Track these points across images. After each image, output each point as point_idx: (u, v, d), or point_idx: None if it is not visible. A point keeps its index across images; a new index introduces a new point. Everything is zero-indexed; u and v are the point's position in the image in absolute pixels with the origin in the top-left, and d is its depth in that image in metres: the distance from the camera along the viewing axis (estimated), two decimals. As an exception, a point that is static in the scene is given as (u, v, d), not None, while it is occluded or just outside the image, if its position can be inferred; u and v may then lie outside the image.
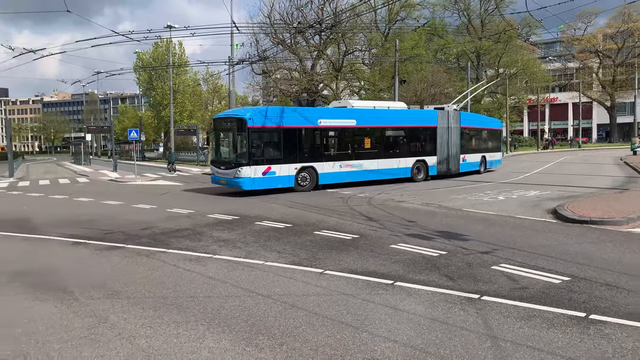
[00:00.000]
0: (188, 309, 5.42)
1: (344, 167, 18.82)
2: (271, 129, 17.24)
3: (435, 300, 5.54)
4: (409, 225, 10.40)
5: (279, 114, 17.76)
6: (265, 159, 17.04)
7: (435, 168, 21.81)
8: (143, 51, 63.27)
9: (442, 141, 21.98)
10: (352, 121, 19.25)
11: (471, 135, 24.44)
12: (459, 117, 23.13)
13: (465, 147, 23.55)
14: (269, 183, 17.09)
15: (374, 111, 20.33)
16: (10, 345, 4.51)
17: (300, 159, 17.78)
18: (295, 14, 40.19)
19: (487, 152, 25.54)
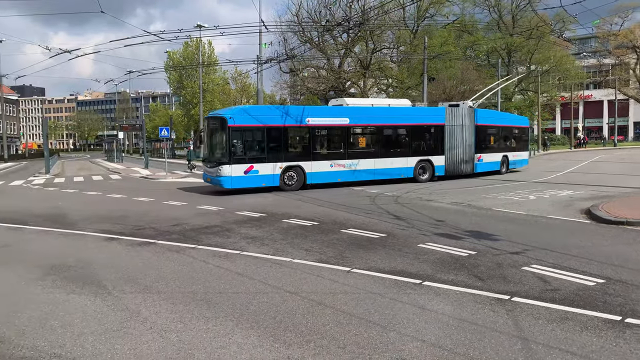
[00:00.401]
0: (217, 304, 5.50)
1: (335, 166, 18.51)
2: (254, 128, 17.30)
3: (464, 301, 5.48)
4: (437, 224, 10.30)
5: (263, 112, 18.05)
6: (247, 158, 17.14)
7: (442, 168, 20.91)
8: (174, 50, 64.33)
9: (451, 140, 21.09)
10: (345, 120, 18.88)
11: (489, 134, 23.31)
12: (473, 114, 22.01)
13: (482, 146, 22.53)
14: (251, 182, 17.17)
15: (370, 109, 19.87)
16: (48, 337, 4.67)
17: (285, 158, 17.70)
18: (323, 12, 40.24)
19: (510, 151, 24.43)
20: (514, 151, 24.70)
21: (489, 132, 23.31)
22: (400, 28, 42.94)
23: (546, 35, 46.76)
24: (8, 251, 8.76)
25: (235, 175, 16.85)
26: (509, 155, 24.21)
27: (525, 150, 26.03)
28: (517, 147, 25.09)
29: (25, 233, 10.54)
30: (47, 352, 4.31)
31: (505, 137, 24.54)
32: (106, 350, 4.33)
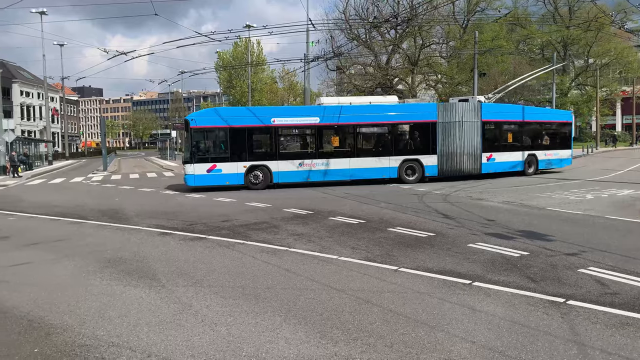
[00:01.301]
0: (265, 299, 5.60)
1: (304, 166, 18.46)
2: (217, 129, 18.06)
3: (516, 303, 5.32)
4: (488, 223, 10.04)
5: (229, 114, 18.80)
6: (210, 157, 17.95)
7: (435, 168, 19.51)
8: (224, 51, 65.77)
9: (446, 138, 19.53)
10: (315, 119, 18.69)
11: (505, 130, 21.18)
12: (479, 109, 20.04)
13: (494, 144, 20.63)
14: (214, 180, 17.90)
15: (345, 107, 19.14)
16: (106, 326, 4.90)
17: (249, 157, 18.12)
18: (370, 8, 40.01)
19: (542, 149, 21.91)
20: (547, 149, 22.11)
21: (504, 129, 21.19)
22: (449, 23, 42.07)
23: (606, 26, 44.48)
24: (69, 244, 9.25)
25: (197, 173, 17.77)
26: (538, 153, 21.76)
27: (566, 148, 22.97)
28: (552, 144, 22.39)
29: (85, 227, 11.08)
30: (106, 341, 4.53)
31: (532, 134, 22.06)
32: (160, 341, 4.49)
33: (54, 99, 78.76)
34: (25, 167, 33.92)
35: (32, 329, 4.88)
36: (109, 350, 4.32)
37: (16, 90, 72.93)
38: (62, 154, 65.48)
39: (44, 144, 51.82)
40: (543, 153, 22.00)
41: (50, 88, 67.42)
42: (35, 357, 4.23)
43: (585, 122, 62.24)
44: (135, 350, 4.30)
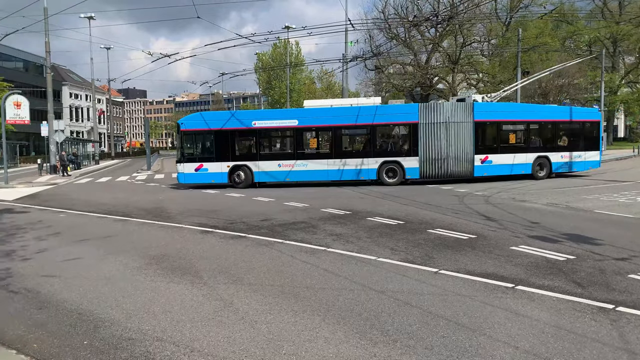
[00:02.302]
0: (304, 298, 5.63)
1: (283, 166, 19.27)
2: (204, 132, 19.78)
3: (562, 308, 5.15)
4: (531, 226, 9.76)
5: (215, 117, 20.78)
6: (198, 158, 19.69)
7: (417, 170, 19.10)
8: (263, 52, 66.47)
9: (429, 139, 18.96)
10: (294, 121, 19.43)
11: (506, 131, 19.96)
12: (471, 110, 19.15)
13: (490, 146, 19.58)
14: (201, 178, 19.64)
15: (324, 110, 19.76)
16: (151, 321, 5.05)
17: (232, 158, 19.47)
18: (410, 7, 39.61)
19: (556, 150, 20.23)
20: (565, 151, 20.42)
21: (504, 129, 19.97)
22: (491, 21, 41.12)
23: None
24: (115, 241, 9.58)
25: (187, 172, 19.61)
26: (552, 155, 20.12)
27: (592, 150, 20.81)
28: (572, 145, 20.58)
29: (130, 225, 11.45)
30: (151, 335, 4.67)
31: (543, 134, 20.60)
32: (202, 337, 4.60)
33: (100, 100, 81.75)
34: (74, 166, 35.34)
35: (82, 321, 5.08)
36: (153, 344, 4.45)
37: (66, 93, 76.11)
38: (108, 154, 67.85)
39: (91, 144, 53.86)
40: (559, 155, 20.31)
41: (97, 90, 69.99)
42: (85, 348, 4.41)
43: (636, 121, 59.61)
44: (179, 345, 4.42)
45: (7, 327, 5.00)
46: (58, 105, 60.74)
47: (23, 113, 25.53)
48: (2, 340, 4.64)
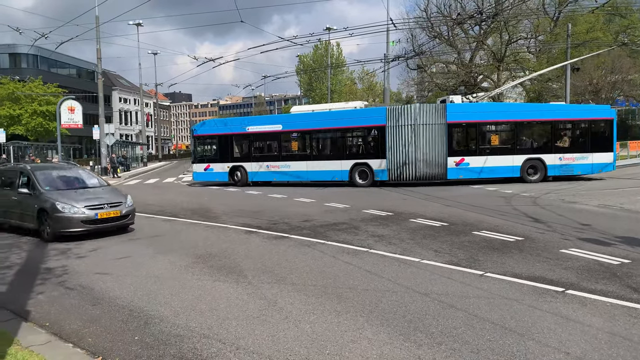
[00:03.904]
0: (347, 299, 5.64)
1: (270, 167, 21.15)
2: (211, 136, 22.70)
3: (616, 314, 4.94)
4: (582, 228, 9.40)
5: (219, 124, 23.78)
6: (206, 159, 22.74)
7: (385, 172, 19.29)
8: (304, 54, 66.89)
9: (395, 142, 19.10)
10: (278, 126, 21.29)
11: (485, 132, 19.26)
12: (443, 111, 18.79)
13: (466, 148, 19.15)
14: (208, 177, 22.57)
15: (303, 115, 21.25)
16: (198, 318, 5.19)
17: (231, 159, 22.01)
18: (453, 5, 38.92)
19: (554, 152, 18.89)
20: (566, 152, 18.97)
21: (484, 130, 19.27)
22: (539, 16, 39.84)
23: None
24: (164, 240, 9.88)
25: (198, 171, 22.80)
26: (548, 157, 18.82)
27: (602, 151, 19.00)
28: (577, 147, 19.09)
29: (177, 224, 11.78)
30: (198, 332, 4.80)
31: (536, 135, 19.58)
32: (247, 335, 4.68)
33: (148, 104, 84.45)
34: (124, 168, 36.68)
35: (133, 318, 5.27)
36: (200, 341, 4.57)
37: (115, 97, 79.07)
38: (155, 156, 69.99)
39: (140, 146, 55.70)
40: (556, 157, 18.90)
41: (145, 94, 72.36)
42: (136, 344, 4.58)
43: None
44: (225, 342, 4.52)
45: (64, 321, 5.25)
46: (108, 109, 63.17)
47: (77, 117, 26.75)
48: (60, 333, 4.88)
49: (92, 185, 11.42)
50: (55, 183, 10.89)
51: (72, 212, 9.75)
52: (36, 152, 41.41)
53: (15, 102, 46.47)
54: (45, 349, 4.39)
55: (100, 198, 10.47)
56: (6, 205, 11.18)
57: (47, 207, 9.87)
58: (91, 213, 9.91)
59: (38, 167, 11.79)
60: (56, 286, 6.60)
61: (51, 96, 47.21)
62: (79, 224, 9.74)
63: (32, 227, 10.33)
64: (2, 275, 7.30)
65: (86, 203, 10.04)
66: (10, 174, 11.71)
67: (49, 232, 9.89)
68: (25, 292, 6.33)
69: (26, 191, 10.49)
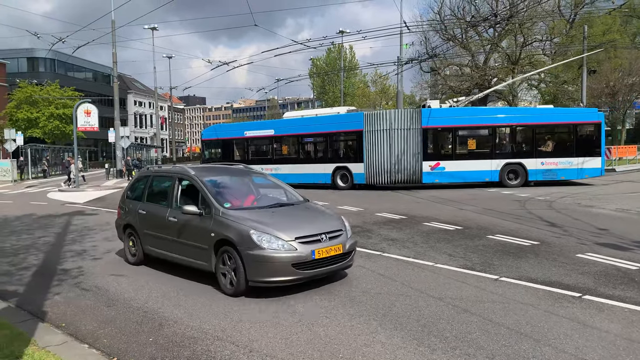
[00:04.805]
0: (361, 303, 5.62)
1: (265, 170, 21.57)
2: (216, 140, 24.41)
3: (635, 320, 4.86)
4: (599, 233, 9.27)
5: (222, 129, 25.76)
6: (212, 161, 23.22)
7: (362, 176, 19.69)
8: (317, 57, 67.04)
9: (372, 146, 19.45)
10: (271, 131, 22.59)
11: (462, 137, 19.21)
12: (418, 116, 18.92)
13: (442, 152, 19.24)
14: None
15: (292, 120, 22.60)
16: (211, 321, 5.20)
17: (232, 162, 21.71)
18: (467, 7, 38.72)
19: (536, 157, 18.49)
20: (549, 157, 18.56)
21: (460, 135, 19.22)
22: (554, 18, 39.45)
23: None
24: (178, 242, 9.92)
25: None
26: (529, 162, 18.48)
27: (589, 155, 18.40)
28: (562, 151, 18.62)
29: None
30: (212, 334, 4.81)
31: (516, 139, 19.28)
32: (260, 338, 4.69)
33: (162, 107, 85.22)
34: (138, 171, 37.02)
35: (147, 319, 5.31)
36: (214, 343, 4.59)
37: (130, 101, 79.97)
38: (169, 159, 70.56)
39: (154, 149, 56.24)
40: (538, 161, 18.51)
41: (159, 98, 73.08)
42: (150, 345, 4.61)
43: None
44: (238, 345, 4.53)
45: (80, 322, 5.31)
46: (124, 112, 63.88)
47: (92, 120, 27.08)
48: (76, 334, 4.93)
49: (287, 201, 7.44)
50: (235, 196, 7.09)
51: (275, 246, 5.85)
52: (53, 155, 42.04)
53: (33, 105, 47.24)
54: (62, 350, 4.44)
55: (309, 222, 6.56)
56: (158, 227, 7.29)
57: (234, 237, 5.99)
58: (305, 250, 5.89)
59: (204, 170, 7.80)
60: (72, 287, 6.68)
61: (68, 99, 47.91)
62: (288, 269, 5.81)
63: (204, 268, 6.49)
64: (20, 276, 7.41)
65: (295, 232, 6.05)
66: (162, 180, 7.98)
67: (235, 281, 5.99)
68: (42, 293, 6.41)
69: (193, 209, 6.53)
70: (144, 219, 7.65)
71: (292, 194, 7.74)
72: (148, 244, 7.55)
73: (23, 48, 58.47)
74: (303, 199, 7.61)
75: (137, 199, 8.08)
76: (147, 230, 7.54)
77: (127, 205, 8.25)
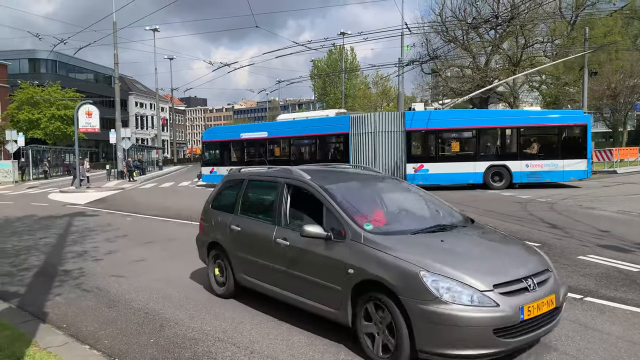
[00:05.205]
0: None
1: None
2: (215, 142, 25.34)
3: (637, 322, 4.85)
4: (601, 235, 9.26)
5: (220, 131, 27.38)
6: (211, 163, 24.93)
7: None
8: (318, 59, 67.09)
9: (358, 148, 19.91)
10: (264, 133, 23.50)
11: (445, 139, 19.54)
12: (402, 118, 19.32)
13: (426, 154, 19.54)
14: (213, 179, 23.96)
15: (283, 123, 23.74)
16: (213, 322, 5.19)
17: (229, 163, 23.67)
18: (468, 9, 38.73)
19: (520, 159, 18.55)
20: (533, 159, 18.64)
21: (444, 137, 19.56)
22: (555, 20, 39.46)
23: None
24: (179, 244, 9.93)
25: (206, 174, 25.07)
26: (513, 164, 18.50)
27: (575, 158, 18.25)
28: (547, 153, 18.69)
29: (191, 228, 11.81)
30: (213, 336, 4.81)
31: (501, 142, 19.54)
32: (261, 339, 4.69)
33: (164, 108, 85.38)
34: (139, 172, 37.04)
35: (148, 320, 5.31)
36: (215, 345, 4.59)
37: (132, 102, 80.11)
38: (170, 160, 70.66)
39: (155, 150, 56.30)
40: (522, 164, 18.54)
41: (161, 99, 73.15)
42: (151, 346, 4.61)
43: None
44: (239, 346, 4.53)
45: (82, 323, 5.31)
46: (125, 113, 63.99)
47: (94, 121, 27.11)
48: (77, 335, 4.93)
49: (446, 221, 5.11)
50: (372, 213, 4.91)
51: (465, 299, 3.68)
52: (54, 156, 42.10)
53: (34, 106, 47.34)
54: (63, 351, 4.44)
55: (501, 257, 4.35)
56: (258, 251, 5.42)
57: (391, 279, 3.92)
58: (511, 306, 3.70)
59: (320, 174, 5.56)
60: (73, 288, 6.68)
61: (69, 101, 48.01)
62: (486, 337, 3.64)
63: (334, 318, 4.51)
64: (21, 277, 7.41)
65: (492, 276, 3.85)
66: (262, 187, 6.07)
67: (393, 347, 3.92)
68: (43, 294, 6.42)
69: (318, 231, 4.54)
70: (238, 238, 5.72)
71: (443, 207, 5.52)
72: (242, 271, 5.65)
73: (24, 49, 58.60)
74: (463, 216, 5.35)
75: (227, 210, 6.19)
76: (243, 254, 5.63)
77: (212, 217, 6.43)
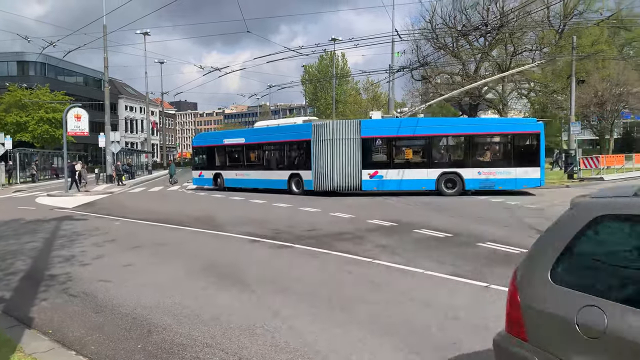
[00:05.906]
0: (351, 310, 5.61)
1: (238, 175, 24.25)
2: (202, 147, 26.55)
3: (623, 328, 4.89)
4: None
5: (207, 136, 29.78)
6: (199, 167, 26.39)
7: (311, 183, 20.85)
8: (310, 64, 67.20)
9: (319, 154, 20.50)
10: (242, 139, 24.63)
11: (399, 147, 20.11)
12: (358, 126, 19.97)
13: (380, 161, 20.06)
14: (201, 182, 26.16)
15: (258, 129, 25.09)
16: (201, 328, 5.17)
17: (214, 167, 25.39)
18: (458, 16, 39.09)
19: (473, 166, 18.75)
20: (485, 167, 18.77)
21: (397, 145, 20.09)
22: (544, 29, 39.91)
23: None
24: (168, 249, 9.89)
25: (195, 177, 26.57)
26: (466, 172, 18.70)
27: (528, 166, 18.26)
28: (500, 161, 18.89)
29: (182, 233, 11.78)
30: (201, 341, 4.77)
31: (453, 149, 19.96)
32: (250, 345, 4.66)
33: (154, 112, 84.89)
34: (129, 176, 36.78)
35: (136, 326, 5.26)
36: (203, 350, 4.55)
37: (121, 105, 79.59)
38: (160, 164, 70.20)
39: (145, 154, 55.91)
40: (475, 171, 18.69)
41: (151, 103, 72.72)
42: (139, 352, 4.56)
43: None
44: (228, 352, 4.50)
45: (68, 328, 5.24)
46: (114, 117, 63.56)
47: (83, 125, 26.89)
48: (63, 341, 4.87)
49: None
50: None
51: None
52: (42, 159, 41.66)
53: (22, 109, 46.85)
54: (49, 356, 4.38)
55: None
56: None
57: None
58: None
59: None
60: (60, 293, 6.60)
61: (58, 104, 47.59)
62: None
63: None
64: (7, 281, 7.31)
65: None
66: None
67: None
68: (30, 299, 6.33)
69: None
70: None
71: None
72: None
73: (13, 52, 58.05)
74: None
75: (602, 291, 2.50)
76: None
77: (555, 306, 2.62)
